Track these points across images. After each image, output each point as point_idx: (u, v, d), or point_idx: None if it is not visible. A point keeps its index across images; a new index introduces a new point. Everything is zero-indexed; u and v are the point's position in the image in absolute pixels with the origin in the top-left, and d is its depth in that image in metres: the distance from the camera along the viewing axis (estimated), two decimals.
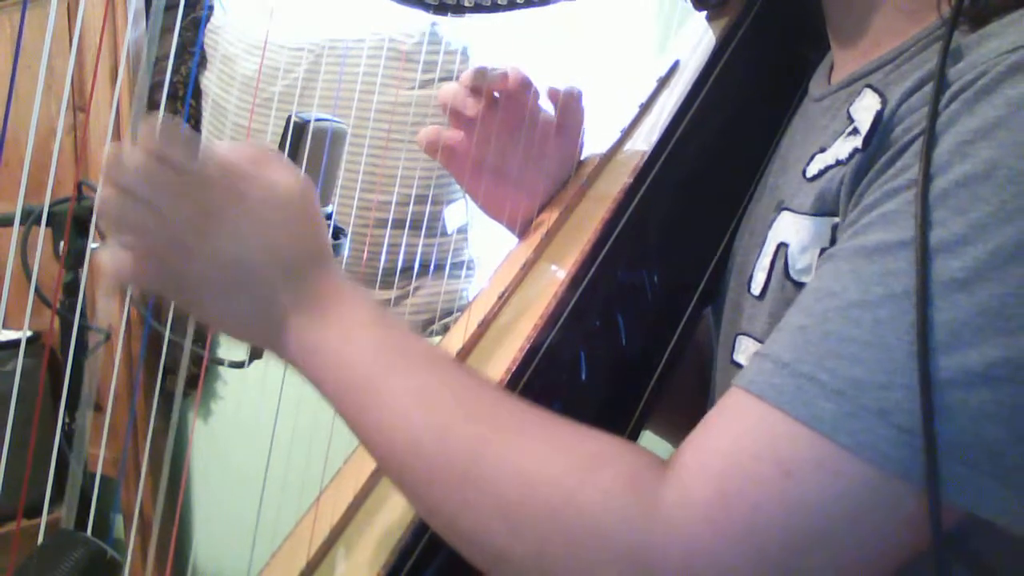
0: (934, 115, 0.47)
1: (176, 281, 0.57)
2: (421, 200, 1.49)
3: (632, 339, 0.70)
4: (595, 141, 0.82)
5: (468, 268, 1.57)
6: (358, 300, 0.58)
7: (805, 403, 0.45)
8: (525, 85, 0.78)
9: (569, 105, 0.81)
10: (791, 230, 0.59)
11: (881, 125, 0.52)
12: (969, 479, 0.43)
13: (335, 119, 0.75)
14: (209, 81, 1.70)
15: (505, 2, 0.73)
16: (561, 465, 0.49)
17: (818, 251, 0.57)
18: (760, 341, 0.61)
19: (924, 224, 0.45)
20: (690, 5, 0.81)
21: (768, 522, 0.44)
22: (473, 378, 0.57)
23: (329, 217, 0.80)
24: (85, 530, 0.85)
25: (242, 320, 0.58)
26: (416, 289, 1.54)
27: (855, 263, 0.48)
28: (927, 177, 0.46)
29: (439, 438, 0.52)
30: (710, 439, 0.48)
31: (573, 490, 0.48)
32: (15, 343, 1.56)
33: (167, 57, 1.20)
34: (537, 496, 0.49)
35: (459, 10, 0.73)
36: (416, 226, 1.52)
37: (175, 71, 1.57)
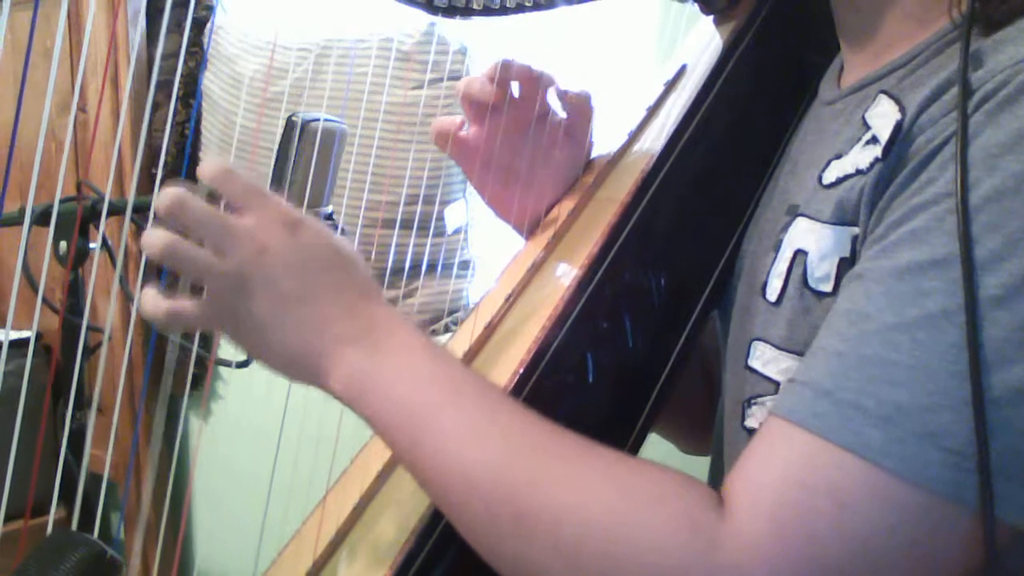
0: (964, 126, 0.47)
1: (233, 318, 0.58)
2: (421, 200, 1.49)
3: (639, 342, 0.70)
4: (603, 144, 0.82)
5: (468, 268, 1.57)
6: (409, 332, 0.59)
7: (852, 431, 0.45)
8: (546, 81, 0.79)
9: (579, 106, 0.81)
10: (809, 238, 0.59)
11: (901, 135, 0.52)
12: (1017, 495, 0.43)
13: (335, 119, 0.75)
14: (210, 81, 1.70)
15: (513, 5, 0.73)
16: (619, 504, 0.50)
17: (837, 260, 0.56)
18: (777, 347, 0.61)
19: (968, 240, 0.45)
20: (697, 9, 0.82)
21: (825, 553, 0.45)
22: (526, 413, 0.57)
23: (329, 217, 0.80)
24: (86, 530, 0.85)
25: (291, 353, 0.58)
26: (416, 289, 1.54)
27: (887, 284, 0.47)
28: (965, 189, 0.46)
29: (494, 474, 0.52)
30: (758, 472, 0.49)
31: (631, 531, 0.48)
32: (13, 343, 1.56)
33: (168, 57, 1.20)
34: (595, 535, 0.49)
35: (467, 12, 0.73)
36: (416, 226, 1.52)
37: (174, 71, 1.57)
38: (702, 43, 0.81)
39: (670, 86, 0.81)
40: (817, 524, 0.45)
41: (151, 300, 0.58)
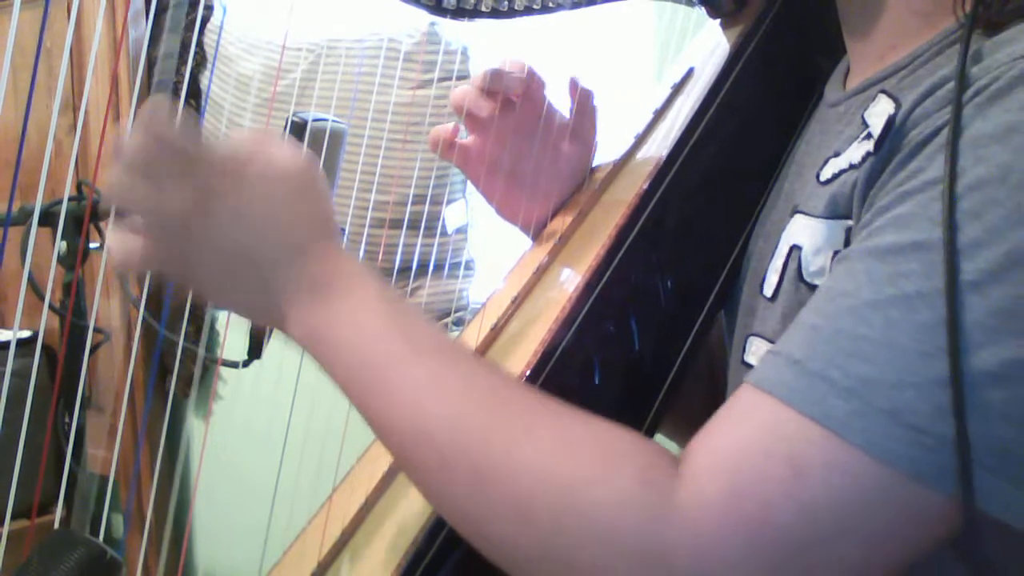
0: (958, 113, 0.48)
1: (181, 262, 0.57)
2: (420, 200, 1.49)
3: (645, 344, 0.70)
4: (609, 147, 0.83)
5: (467, 268, 1.57)
6: (366, 279, 0.57)
7: (816, 401, 0.46)
8: (540, 84, 0.79)
9: (583, 105, 0.81)
10: (804, 233, 0.60)
11: (894, 128, 0.52)
12: (981, 479, 0.44)
13: (335, 118, 0.75)
14: (211, 82, 1.70)
15: (520, 7, 0.74)
16: (574, 459, 0.49)
17: (831, 254, 0.57)
18: (771, 341, 0.62)
19: (952, 225, 0.45)
20: (704, 13, 0.82)
21: (779, 519, 0.45)
22: (484, 365, 0.57)
23: None
24: (89, 530, 0.85)
25: (248, 300, 0.58)
26: (415, 289, 1.54)
27: (867, 264, 0.48)
28: (954, 176, 0.46)
29: (451, 426, 0.52)
30: (721, 436, 0.49)
31: (586, 485, 0.48)
32: (17, 343, 1.55)
33: (169, 57, 1.20)
34: (549, 490, 0.49)
35: (475, 14, 0.73)
36: (416, 226, 1.52)
37: (175, 71, 1.56)
38: (709, 46, 0.82)
39: (677, 89, 0.81)
40: (773, 490, 0.45)
41: (116, 239, 0.57)
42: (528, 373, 0.67)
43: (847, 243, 0.56)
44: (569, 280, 0.72)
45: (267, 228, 0.56)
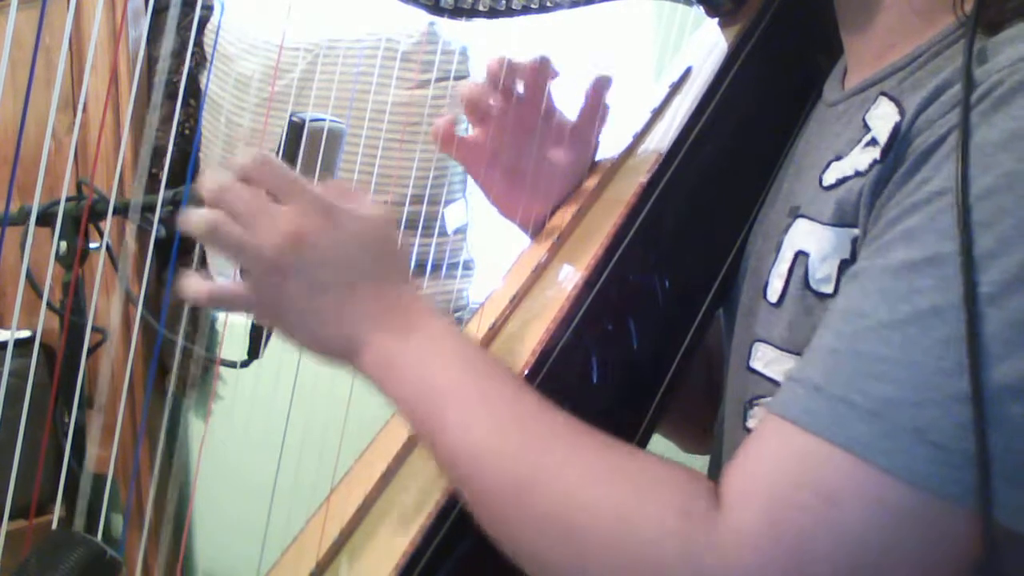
0: (966, 116, 0.47)
1: (272, 302, 0.60)
2: (419, 200, 1.49)
3: (644, 343, 0.70)
4: (608, 145, 0.83)
5: (467, 268, 1.57)
6: (437, 319, 0.62)
7: (840, 426, 0.46)
8: (547, 78, 0.79)
9: (595, 98, 0.81)
10: (810, 239, 0.60)
11: (899, 137, 0.52)
12: (1004, 493, 0.44)
13: (333, 118, 0.75)
14: (211, 81, 1.70)
15: (518, 7, 0.74)
16: (618, 491, 0.51)
17: (838, 261, 0.57)
18: (778, 348, 0.62)
19: (968, 236, 0.45)
20: (702, 12, 0.82)
21: (815, 548, 0.45)
22: (541, 401, 0.59)
23: None
24: (88, 530, 0.85)
25: (329, 338, 0.61)
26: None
27: (881, 282, 0.48)
28: (966, 181, 0.46)
29: (511, 461, 0.54)
30: (751, 469, 0.49)
31: (628, 517, 0.49)
32: (16, 342, 1.55)
33: (169, 57, 1.20)
34: (594, 521, 0.50)
35: (473, 14, 0.73)
36: (414, 226, 1.52)
37: (175, 71, 1.56)
38: (707, 45, 0.81)
39: (675, 88, 0.81)
40: (807, 520, 0.45)
41: (193, 283, 0.61)
42: (527, 372, 0.67)
43: (853, 252, 0.56)
44: (568, 279, 0.72)
45: (351, 269, 0.60)
